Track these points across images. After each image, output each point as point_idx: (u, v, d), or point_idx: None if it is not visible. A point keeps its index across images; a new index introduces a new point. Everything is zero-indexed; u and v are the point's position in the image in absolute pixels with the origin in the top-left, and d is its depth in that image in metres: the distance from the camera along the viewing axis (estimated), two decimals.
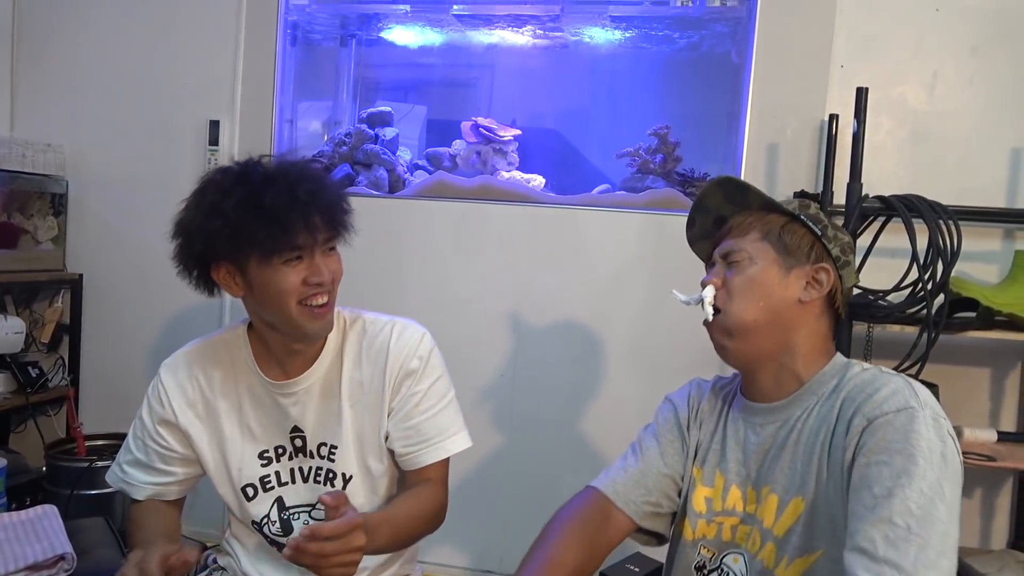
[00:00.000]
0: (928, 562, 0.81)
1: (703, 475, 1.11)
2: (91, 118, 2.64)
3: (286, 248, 1.09)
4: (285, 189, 1.08)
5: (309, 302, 1.13)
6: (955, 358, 2.12)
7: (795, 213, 1.04)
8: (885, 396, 0.92)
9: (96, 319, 2.66)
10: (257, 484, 1.24)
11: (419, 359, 1.23)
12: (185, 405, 1.24)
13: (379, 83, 3.00)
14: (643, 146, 2.45)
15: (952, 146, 2.13)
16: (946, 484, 0.85)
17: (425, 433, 1.22)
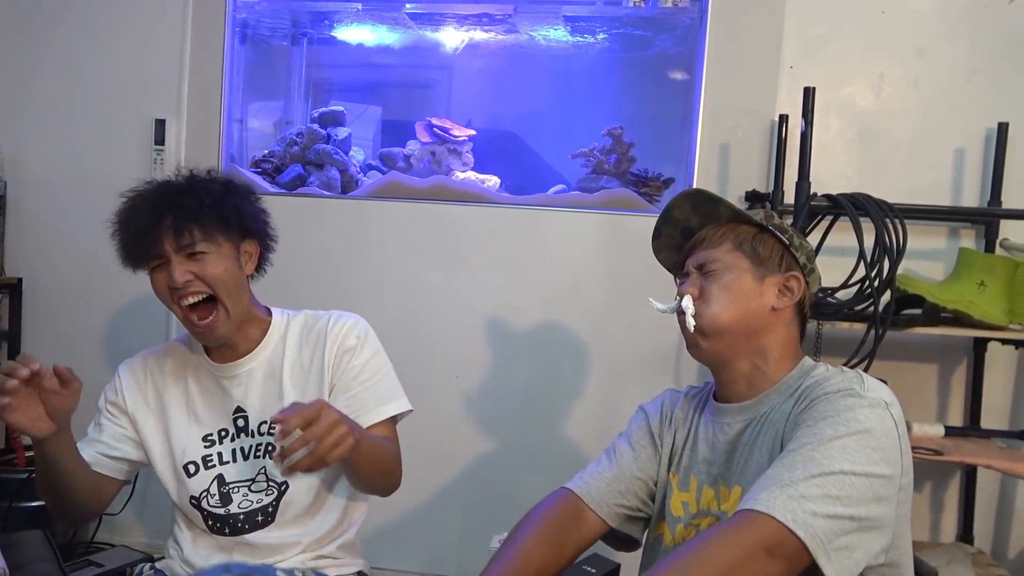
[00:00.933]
0: (811, 496, 0.83)
1: (678, 480, 1.14)
2: (30, 117, 2.55)
3: (142, 255, 1.27)
4: (149, 203, 1.25)
5: (180, 303, 1.26)
6: (902, 354, 2.15)
7: (764, 224, 1.09)
8: (832, 384, 0.97)
9: (37, 324, 2.57)
10: (199, 462, 1.35)
11: (356, 337, 1.36)
12: (137, 392, 1.38)
13: (332, 83, 2.96)
14: (598, 146, 2.45)
15: (898, 146, 2.17)
16: (863, 450, 0.87)
17: (365, 402, 1.33)
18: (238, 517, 1.32)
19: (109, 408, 1.38)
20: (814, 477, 0.85)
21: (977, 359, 2.13)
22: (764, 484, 0.87)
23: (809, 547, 0.81)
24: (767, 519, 0.82)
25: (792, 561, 0.82)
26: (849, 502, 0.84)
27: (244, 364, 1.35)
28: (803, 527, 0.81)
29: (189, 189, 1.27)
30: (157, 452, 1.36)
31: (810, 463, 0.86)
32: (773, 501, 0.83)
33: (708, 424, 1.12)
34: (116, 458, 1.36)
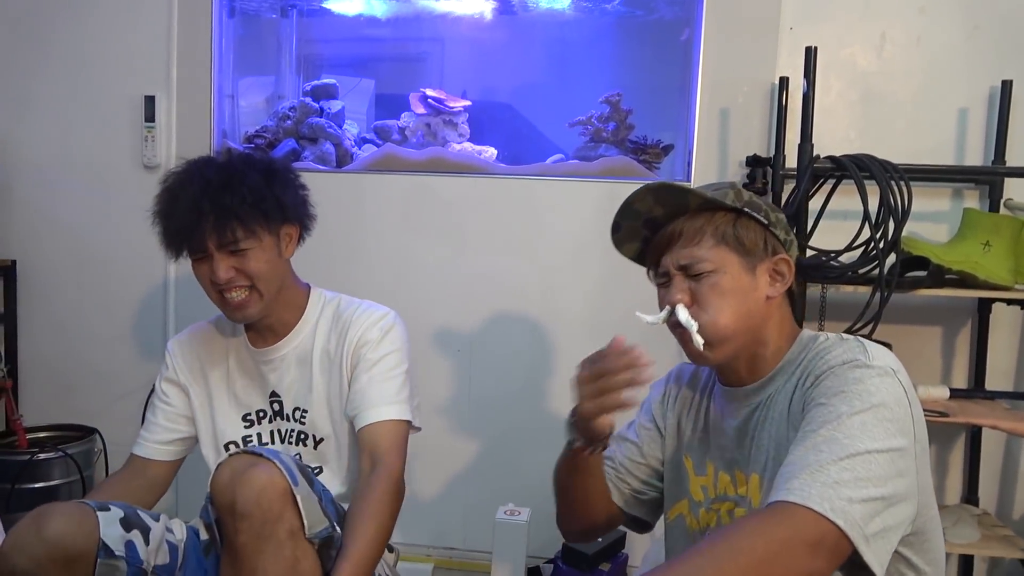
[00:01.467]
0: (843, 481, 0.80)
1: (693, 464, 1.12)
2: (18, 99, 2.50)
3: (184, 249, 1.30)
4: (190, 197, 1.26)
5: (222, 294, 1.30)
6: (907, 317, 2.14)
7: (740, 208, 1.03)
8: (835, 355, 0.94)
9: (32, 307, 2.54)
10: (239, 442, 1.41)
11: (379, 330, 1.37)
12: (187, 369, 1.46)
13: (324, 57, 2.90)
14: (595, 114, 2.41)
15: (901, 106, 2.14)
16: (881, 424, 0.84)
17: (368, 397, 1.33)
18: None
19: (164, 388, 1.46)
20: (842, 460, 0.81)
21: (982, 320, 2.11)
22: (792, 471, 0.82)
23: (850, 536, 0.77)
24: (804, 511, 0.78)
25: (834, 553, 0.78)
26: (879, 482, 0.81)
27: (279, 350, 1.39)
28: (842, 516, 0.77)
29: (229, 182, 1.26)
30: (203, 428, 1.44)
31: (834, 444, 0.82)
32: (807, 491, 0.79)
33: (718, 409, 1.10)
34: (171, 441, 1.45)
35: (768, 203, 1.06)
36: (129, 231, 2.37)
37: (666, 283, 1.06)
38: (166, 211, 1.29)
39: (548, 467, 2.39)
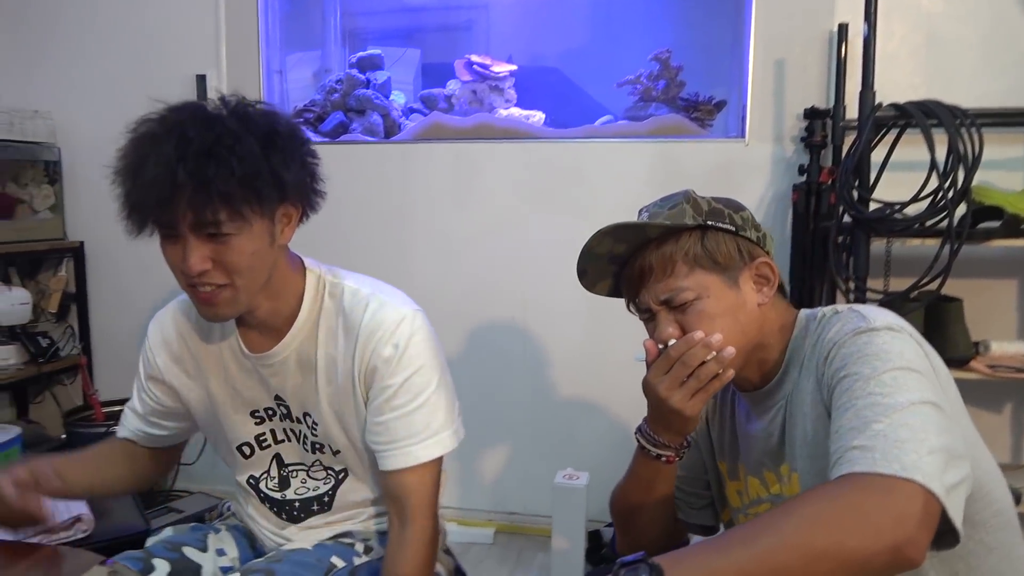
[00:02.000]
0: (903, 439, 0.74)
1: (727, 469, 1.10)
2: (77, 82, 2.58)
3: (147, 225, 0.98)
4: (162, 159, 0.92)
5: (191, 286, 1.00)
6: (979, 270, 2.04)
7: (703, 223, 0.96)
8: (835, 330, 0.90)
9: (101, 285, 2.64)
10: (253, 442, 1.19)
11: (394, 347, 1.06)
12: (171, 361, 1.19)
13: (369, 30, 2.90)
14: (644, 73, 2.36)
15: (969, 48, 2.02)
16: (911, 375, 0.80)
17: (394, 433, 1.07)
18: (294, 504, 1.21)
19: (148, 384, 1.21)
20: (890, 416, 0.76)
21: None
22: (844, 444, 0.77)
23: (932, 489, 0.71)
24: (874, 479, 0.71)
25: (925, 516, 0.70)
26: (936, 432, 0.75)
27: (278, 353, 1.11)
28: (918, 472, 0.71)
29: (215, 147, 0.92)
30: (206, 426, 1.22)
31: (875, 406, 0.77)
32: (870, 456, 0.73)
33: (742, 413, 1.06)
34: (158, 435, 1.26)
35: (729, 202, 1.00)
36: None
37: (650, 318, 1.00)
38: (130, 171, 0.96)
39: (605, 432, 2.40)
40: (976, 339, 1.91)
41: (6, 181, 2.48)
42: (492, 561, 2.23)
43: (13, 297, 2.42)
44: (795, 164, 2.10)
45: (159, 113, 0.99)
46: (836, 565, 0.67)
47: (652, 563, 0.68)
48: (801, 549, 0.67)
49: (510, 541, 2.35)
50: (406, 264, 2.42)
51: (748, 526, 0.71)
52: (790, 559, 0.67)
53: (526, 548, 2.31)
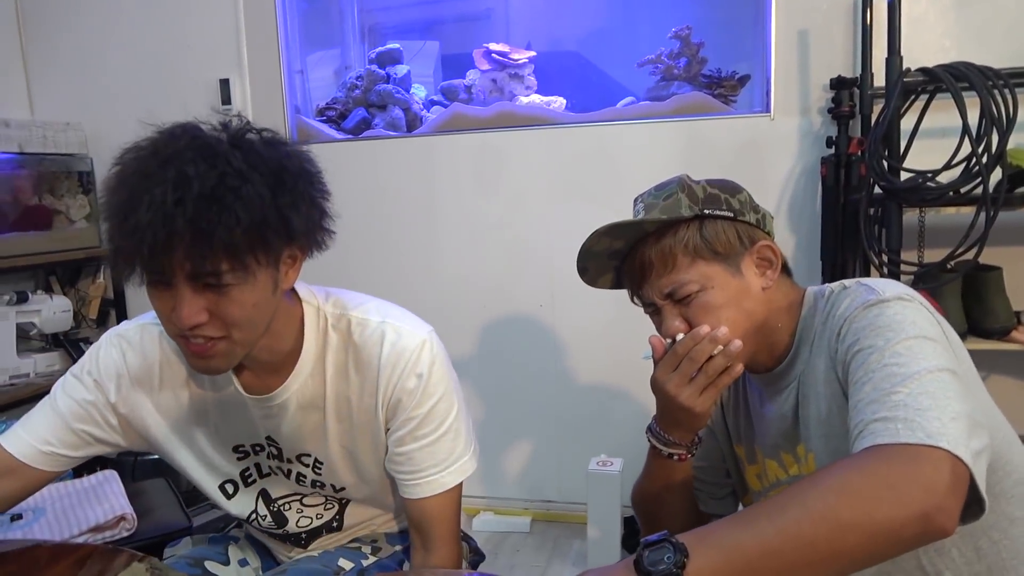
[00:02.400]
0: (924, 407, 0.72)
1: (745, 454, 1.09)
2: (105, 93, 2.64)
3: (136, 271, 0.85)
4: (157, 203, 0.79)
5: (182, 339, 0.89)
6: (1018, 237, 1.97)
7: (700, 212, 0.95)
8: (845, 305, 0.88)
9: (139, 291, 2.68)
10: (237, 479, 1.10)
11: (417, 377, 1.01)
12: (139, 390, 1.05)
13: (387, 25, 2.91)
14: (665, 51, 2.32)
15: (1001, 5, 1.94)
16: (926, 344, 0.78)
17: (419, 463, 1.04)
18: (299, 536, 1.15)
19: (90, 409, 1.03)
20: (908, 384, 0.74)
21: None
22: (865, 418, 0.75)
23: (959, 454, 0.69)
24: (898, 448, 0.70)
25: (954, 482, 0.68)
26: (956, 398, 0.74)
27: (279, 396, 1.02)
28: (943, 438, 0.69)
29: (219, 191, 0.80)
30: (180, 466, 1.10)
31: (893, 376, 0.75)
32: (893, 426, 0.71)
33: (756, 396, 1.05)
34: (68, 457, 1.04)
35: (726, 185, 0.98)
36: None
37: (654, 312, 1.00)
38: (120, 212, 0.81)
39: (638, 417, 2.38)
40: (1017, 309, 1.85)
41: (42, 193, 2.55)
42: (529, 550, 2.24)
43: (55, 305, 2.48)
44: (823, 137, 2.05)
45: (150, 141, 0.86)
46: (865, 537, 0.65)
47: (675, 541, 0.66)
48: (828, 521, 0.66)
49: (547, 529, 2.36)
50: (433, 257, 2.42)
51: (773, 500, 0.69)
52: (817, 532, 0.65)
53: (562, 536, 2.31)
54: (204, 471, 1.10)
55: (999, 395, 2.25)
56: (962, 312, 1.83)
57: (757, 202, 1.00)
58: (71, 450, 1.03)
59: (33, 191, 2.52)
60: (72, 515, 1.58)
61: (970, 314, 1.83)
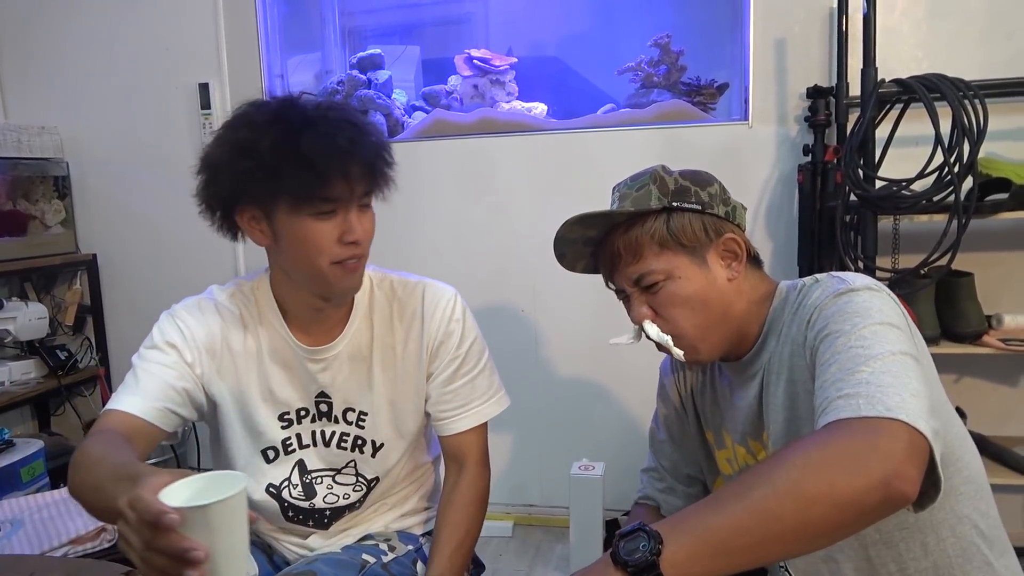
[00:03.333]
0: (885, 384, 0.74)
1: (715, 438, 1.11)
2: (81, 97, 2.60)
3: (319, 198, 1.00)
4: (324, 134, 0.97)
5: (345, 262, 1.05)
6: (989, 243, 2.02)
7: (668, 205, 0.98)
8: (816, 295, 0.91)
9: (116, 297, 2.67)
10: (279, 447, 1.17)
11: (456, 322, 1.18)
12: (207, 354, 1.11)
13: (368, 29, 2.90)
14: (645, 59, 2.35)
15: (972, 18, 1.99)
16: (891, 330, 0.81)
17: (462, 397, 1.20)
18: (324, 512, 1.21)
19: (172, 353, 1.09)
20: (872, 363, 0.76)
21: None
22: (828, 396, 0.77)
23: (918, 427, 0.70)
24: (859, 422, 0.72)
25: (912, 450, 0.70)
26: (917, 380, 0.76)
27: (334, 347, 1.14)
28: (903, 412, 0.71)
29: (355, 123, 1.02)
30: (230, 430, 1.16)
31: (857, 357, 0.78)
32: (854, 402, 0.73)
33: (725, 383, 1.08)
34: (174, 411, 1.09)
35: (697, 178, 1.00)
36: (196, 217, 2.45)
37: (626, 299, 1.04)
38: (298, 153, 0.96)
39: (619, 421, 2.41)
40: (988, 313, 1.90)
41: (17, 198, 2.52)
42: (511, 555, 2.25)
43: (30, 312, 2.45)
44: (800, 144, 2.08)
45: (255, 103, 1.04)
46: (830, 507, 0.67)
47: (649, 530, 0.69)
48: (793, 496, 0.68)
49: (529, 533, 2.37)
50: (415, 262, 2.43)
51: (740, 480, 0.72)
52: (783, 506, 0.67)
53: (545, 540, 2.32)
54: (250, 439, 1.17)
55: (971, 397, 2.30)
56: (935, 317, 1.87)
57: (729, 195, 1.03)
58: (179, 407, 1.09)
59: (7, 196, 2.49)
60: (51, 527, 1.56)
61: (943, 319, 1.87)
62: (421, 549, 1.26)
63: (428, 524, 1.30)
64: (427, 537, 1.29)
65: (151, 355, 1.09)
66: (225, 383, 1.14)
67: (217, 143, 1.04)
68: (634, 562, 0.67)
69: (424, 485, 1.32)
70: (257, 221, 1.05)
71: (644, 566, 0.66)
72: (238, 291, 1.17)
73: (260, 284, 1.17)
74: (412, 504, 1.29)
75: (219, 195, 1.05)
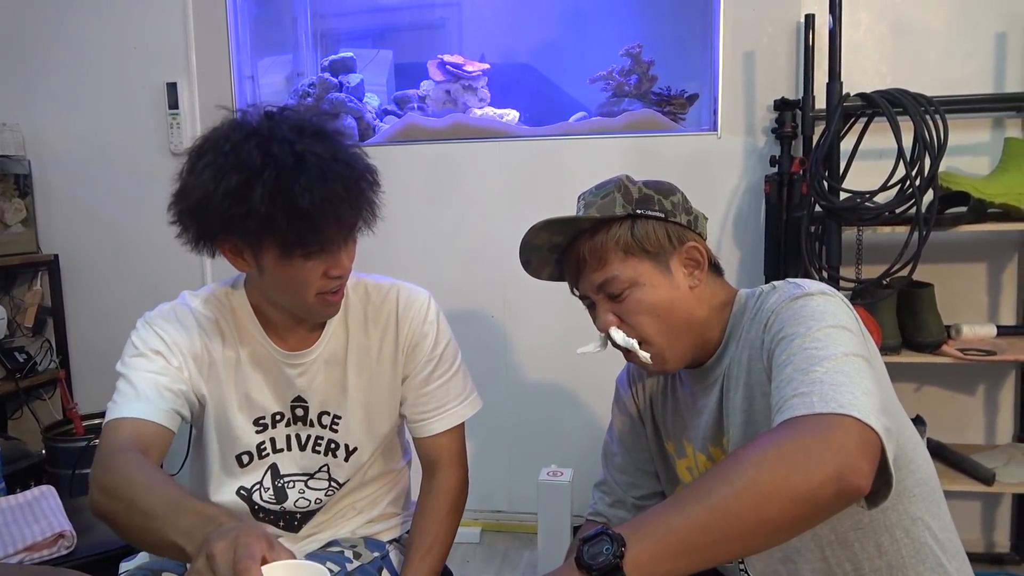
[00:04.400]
0: (839, 383, 0.76)
1: (675, 448, 1.12)
2: (44, 94, 2.55)
3: (312, 244, 1.00)
4: (318, 180, 0.96)
5: (326, 293, 1.06)
6: (949, 255, 2.07)
7: (632, 212, 0.99)
8: (773, 300, 0.93)
9: (78, 298, 2.62)
10: (253, 451, 1.17)
11: (430, 324, 1.20)
12: (190, 357, 1.11)
13: (340, 32, 2.89)
14: (616, 68, 2.37)
15: (934, 36, 2.05)
16: (844, 333, 0.83)
17: (438, 399, 1.21)
18: (295, 515, 1.21)
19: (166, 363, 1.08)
20: (825, 363, 0.78)
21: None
22: (783, 396, 0.79)
23: (869, 423, 0.72)
24: (811, 418, 0.74)
25: (864, 446, 0.72)
26: (869, 380, 0.78)
27: (313, 351, 1.15)
28: (854, 408, 0.73)
29: (346, 159, 1.01)
30: (208, 433, 1.16)
31: (811, 358, 0.80)
32: (807, 400, 0.75)
33: (687, 391, 1.09)
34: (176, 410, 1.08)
35: (660, 187, 1.02)
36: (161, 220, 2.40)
37: (591, 306, 1.04)
38: (281, 200, 0.94)
39: (588, 428, 2.42)
40: (948, 323, 1.94)
41: None
42: (479, 561, 2.24)
43: None
44: (767, 155, 2.12)
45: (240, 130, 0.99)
46: (786, 502, 0.69)
47: (612, 533, 0.69)
48: (750, 492, 0.69)
49: (496, 540, 2.36)
50: (385, 267, 2.40)
51: (700, 481, 0.73)
52: (741, 504, 0.69)
53: (512, 546, 2.32)
54: (225, 445, 1.16)
55: (931, 406, 2.34)
56: (896, 326, 1.91)
57: (691, 205, 1.04)
58: (181, 408, 1.09)
59: None
60: (6, 533, 1.52)
61: (904, 328, 1.91)
62: (387, 557, 1.24)
63: (396, 531, 1.30)
64: (394, 544, 1.28)
65: (138, 363, 1.08)
66: (207, 388, 1.14)
67: (197, 173, 0.99)
68: (598, 565, 0.68)
69: (394, 490, 1.31)
70: (240, 252, 1.04)
71: (608, 569, 0.67)
72: (213, 297, 1.16)
73: (235, 291, 1.17)
74: (381, 509, 1.28)
75: (203, 232, 1.02)
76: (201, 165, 0.99)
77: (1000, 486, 1.87)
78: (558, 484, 2.03)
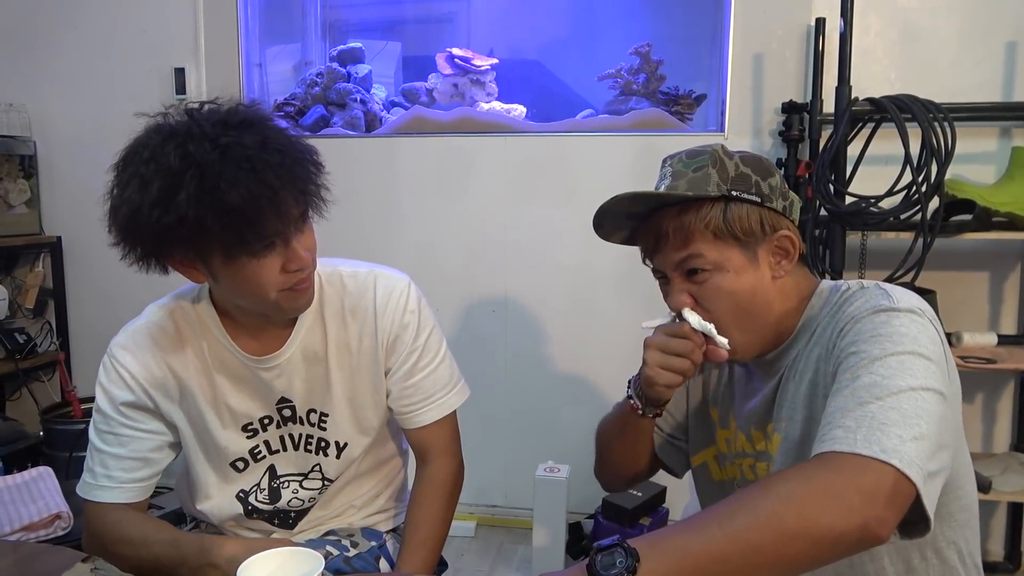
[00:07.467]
0: (889, 422, 0.73)
1: (719, 417, 1.09)
2: (53, 75, 2.55)
3: (253, 242, 0.92)
4: (246, 172, 0.87)
5: (289, 288, 0.99)
6: (952, 263, 2.08)
7: (727, 193, 0.91)
8: (857, 305, 0.87)
9: (79, 281, 2.62)
10: (247, 456, 1.15)
11: (411, 313, 1.14)
12: (153, 387, 1.08)
13: (350, 22, 2.89)
14: (625, 67, 2.37)
15: (944, 43, 2.05)
16: (919, 361, 0.79)
17: (425, 390, 1.16)
18: (288, 513, 1.19)
19: (129, 412, 1.08)
20: (883, 399, 0.75)
21: None
22: (832, 421, 0.76)
23: (909, 475, 0.70)
24: (852, 458, 0.71)
25: (895, 497, 0.70)
26: (928, 419, 0.74)
27: (283, 354, 1.09)
28: (896, 456, 0.70)
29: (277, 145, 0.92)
30: (195, 451, 1.14)
31: (873, 387, 0.76)
32: (852, 436, 0.73)
33: (743, 371, 1.05)
34: (155, 476, 1.12)
35: (759, 166, 0.94)
36: None
37: (664, 282, 0.99)
38: (208, 199, 0.87)
39: (586, 424, 2.40)
40: (949, 331, 1.94)
41: None
42: (473, 555, 2.25)
43: None
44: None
45: (159, 133, 0.92)
46: (808, 543, 0.68)
47: (627, 546, 0.68)
48: (773, 528, 0.68)
49: (491, 534, 2.37)
50: (388, 258, 2.41)
51: (724, 504, 0.71)
52: (763, 538, 0.68)
53: (507, 541, 2.32)
54: (214, 456, 1.14)
55: None
56: None
57: (788, 188, 0.97)
58: (159, 462, 1.12)
59: None
60: (3, 513, 1.52)
61: None
62: (384, 546, 1.24)
63: (394, 520, 1.29)
64: (392, 534, 1.28)
65: (107, 439, 1.08)
66: (179, 409, 1.11)
67: (122, 188, 0.92)
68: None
69: (392, 484, 1.30)
70: (191, 264, 0.98)
71: None
72: (177, 307, 1.11)
73: (200, 297, 1.11)
74: (380, 504, 1.27)
75: (144, 250, 0.95)
76: (125, 178, 0.92)
77: (996, 494, 1.87)
78: (555, 480, 2.03)
